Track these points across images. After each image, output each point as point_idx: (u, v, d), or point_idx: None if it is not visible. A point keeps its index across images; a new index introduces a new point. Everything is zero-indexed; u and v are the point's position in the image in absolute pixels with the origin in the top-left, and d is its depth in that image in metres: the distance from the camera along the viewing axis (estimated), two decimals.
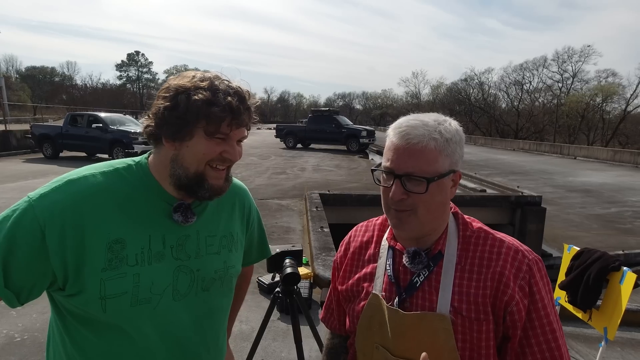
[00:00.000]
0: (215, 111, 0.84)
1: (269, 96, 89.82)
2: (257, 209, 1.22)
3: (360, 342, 0.99)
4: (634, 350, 3.39)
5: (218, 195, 0.93)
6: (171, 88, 0.87)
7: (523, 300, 0.84)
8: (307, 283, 3.80)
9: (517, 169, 17.52)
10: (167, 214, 0.92)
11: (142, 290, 0.86)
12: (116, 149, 12.76)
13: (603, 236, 8.83)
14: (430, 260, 0.90)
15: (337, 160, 16.02)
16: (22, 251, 0.78)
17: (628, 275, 2.68)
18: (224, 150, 0.89)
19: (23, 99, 44.43)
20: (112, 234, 0.84)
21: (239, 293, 1.31)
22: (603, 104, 41.81)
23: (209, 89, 0.85)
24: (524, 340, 0.85)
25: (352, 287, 1.02)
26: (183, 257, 0.93)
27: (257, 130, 42.82)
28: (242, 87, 0.91)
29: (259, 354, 2.90)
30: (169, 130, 0.87)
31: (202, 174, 0.89)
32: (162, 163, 0.91)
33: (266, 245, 1.28)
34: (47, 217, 0.79)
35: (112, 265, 0.84)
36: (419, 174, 0.83)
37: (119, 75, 72.63)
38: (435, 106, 52.84)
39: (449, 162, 0.86)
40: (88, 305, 0.84)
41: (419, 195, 0.84)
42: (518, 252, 0.88)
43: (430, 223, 0.89)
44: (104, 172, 0.89)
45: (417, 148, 0.84)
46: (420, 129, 0.85)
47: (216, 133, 0.86)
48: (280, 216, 6.83)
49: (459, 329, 0.85)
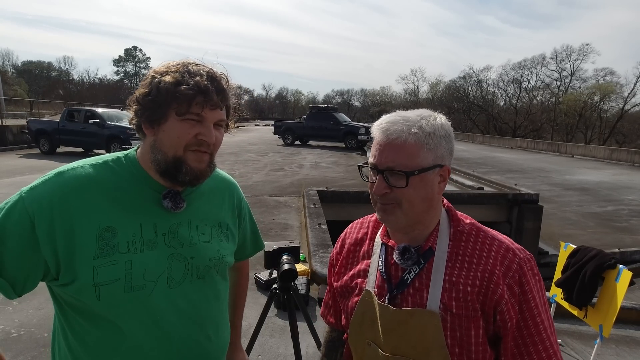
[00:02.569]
0: (182, 90, 0.85)
1: (267, 93, 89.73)
2: (247, 202, 1.23)
3: (353, 338, 1.00)
4: (629, 348, 3.42)
5: (198, 179, 0.94)
6: (148, 76, 0.90)
7: (511, 300, 0.84)
8: (304, 280, 3.81)
9: (515, 167, 17.57)
10: (157, 202, 0.94)
11: (135, 277, 0.87)
12: (113, 144, 12.70)
13: (599, 234, 8.88)
14: (420, 256, 0.91)
15: (335, 157, 16.02)
16: (13, 241, 0.80)
17: (624, 273, 2.70)
18: (199, 133, 0.90)
19: (19, 94, 44.12)
20: (102, 222, 0.86)
21: (239, 290, 1.32)
22: (601, 103, 41.89)
23: (179, 71, 0.88)
24: (519, 340, 0.85)
25: (347, 283, 1.03)
26: (176, 245, 0.94)
27: (255, 126, 42.77)
28: (215, 70, 0.93)
29: (256, 350, 2.90)
30: (145, 116, 0.89)
31: (181, 158, 0.90)
32: (146, 151, 0.93)
33: (259, 238, 1.29)
34: (36, 209, 0.82)
35: (104, 252, 0.85)
36: (399, 168, 0.85)
37: (116, 71, 72.36)
38: (434, 104, 52.81)
39: (432, 157, 0.87)
40: (82, 293, 0.85)
41: (402, 189, 0.86)
42: (509, 250, 0.87)
43: (416, 217, 0.90)
44: (93, 164, 0.92)
45: (397, 143, 0.86)
46: (400, 124, 0.87)
47: (187, 113, 0.87)
48: (278, 213, 6.83)
49: (449, 326, 0.85)
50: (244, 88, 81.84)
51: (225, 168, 11.52)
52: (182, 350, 0.95)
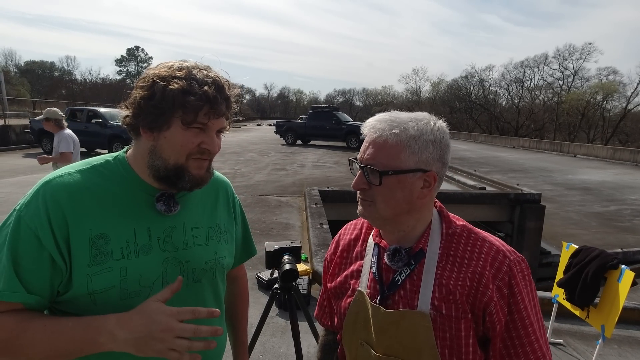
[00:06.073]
0: (191, 100, 0.83)
1: (269, 92, 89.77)
2: (240, 203, 1.20)
3: (346, 338, 1.01)
4: (631, 348, 3.41)
5: (198, 186, 0.93)
6: (148, 77, 0.86)
7: (500, 302, 0.84)
8: (305, 279, 3.82)
9: (517, 167, 17.52)
10: (149, 205, 0.92)
11: (130, 283, 0.86)
12: (115, 144, 12.74)
13: (602, 234, 8.85)
14: (411, 258, 0.90)
15: (336, 156, 16.01)
16: (27, 261, 0.80)
17: (626, 273, 2.69)
18: (202, 142, 0.88)
19: (22, 94, 44.30)
20: (93, 230, 0.84)
21: (240, 300, 1.30)
22: (603, 102, 41.80)
23: (186, 77, 0.85)
24: (507, 341, 0.85)
25: (341, 284, 1.03)
26: (170, 249, 0.93)
27: (257, 126, 42.77)
28: (220, 77, 0.90)
29: (258, 350, 2.91)
30: (146, 120, 0.86)
31: (182, 166, 0.88)
32: (141, 154, 0.91)
33: (251, 244, 1.24)
34: (37, 223, 0.81)
35: (97, 260, 0.84)
36: (376, 166, 0.86)
37: (118, 70, 72.55)
38: (436, 103, 52.83)
39: (414, 160, 0.86)
40: (78, 301, 0.84)
41: (377, 188, 0.87)
42: (499, 252, 0.87)
43: (392, 217, 0.89)
44: (81, 170, 0.89)
45: (378, 141, 0.87)
46: (384, 123, 0.87)
47: (193, 123, 0.85)
48: (280, 212, 6.83)
49: (439, 327, 0.85)
50: (245, 88, 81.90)
51: (227, 167, 11.54)
52: None
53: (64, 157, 4.64)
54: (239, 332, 1.28)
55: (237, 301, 1.28)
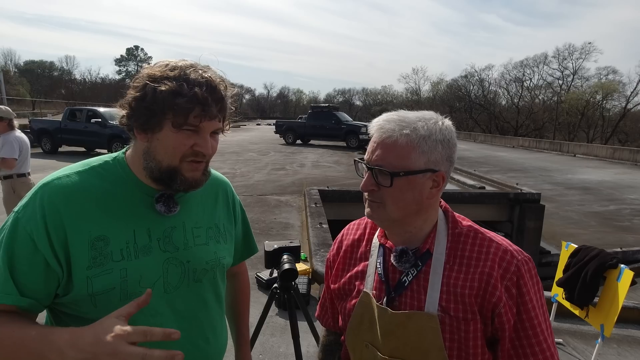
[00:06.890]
0: (180, 102, 0.81)
1: (268, 92, 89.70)
2: (240, 202, 1.19)
3: (350, 340, 1.00)
4: (631, 347, 3.41)
5: (194, 188, 0.92)
6: (141, 77, 0.85)
7: (509, 302, 0.83)
8: (305, 279, 3.81)
9: (516, 166, 17.53)
10: (149, 206, 0.91)
11: (130, 284, 0.86)
12: (115, 143, 12.73)
13: (601, 234, 8.85)
14: (418, 259, 0.90)
15: (336, 156, 16.01)
16: (22, 264, 0.80)
17: (625, 272, 2.69)
18: (195, 144, 0.86)
19: (22, 94, 44.28)
20: (93, 231, 0.84)
21: (241, 296, 1.30)
22: (603, 102, 41.77)
23: (177, 78, 0.82)
24: (516, 342, 0.85)
25: (345, 285, 1.02)
26: (171, 249, 0.93)
27: (256, 126, 42.76)
28: (214, 77, 0.87)
29: (257, 349, 2.91)
30: (138, 121, 0.85)
31: (176, 168, 0.87)
32: (137, 155, 0.90)
33: (252, 242, 1.24)
34: (33, 226, 0.80)
35: (97, 262, 0.83)
36: (386, 167, 0.84)
37: (118, 70, 72.53)
38: (435, 103, 52.82)
39: (424, 160, 0.85)
40: (79, 303, 0.84)
41: (387, 189, 0.85)
42: (507, 252, 0.86)
43: (401, 218, 0.89)
44: (79, 171, 0.88)
45: (388, 142, 0.85)
46: (393, 123, 0.86)
47: (184, 125, 0.83)
48: (279, 212, 6.83)
49: (447, 328, 0.84)
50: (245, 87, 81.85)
51: (227, 167, 11.54)
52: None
53: (5, 164, 4.19)
54: (241, 327, 1.28)
55: (239, 296, 1.28)
